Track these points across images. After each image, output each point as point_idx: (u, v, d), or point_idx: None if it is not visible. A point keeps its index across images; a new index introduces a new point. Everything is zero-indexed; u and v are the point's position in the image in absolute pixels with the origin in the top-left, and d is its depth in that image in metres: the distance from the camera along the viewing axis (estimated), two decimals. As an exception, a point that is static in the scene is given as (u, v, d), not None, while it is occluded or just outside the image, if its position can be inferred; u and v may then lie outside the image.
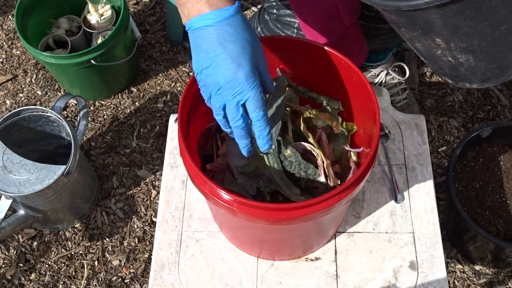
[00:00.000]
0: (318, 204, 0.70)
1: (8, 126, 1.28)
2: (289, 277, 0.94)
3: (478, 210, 1.19)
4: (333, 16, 1.03)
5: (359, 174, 0.72)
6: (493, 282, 1.31)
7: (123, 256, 1.37)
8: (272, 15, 1.19)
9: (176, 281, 0.94)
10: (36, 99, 1.61)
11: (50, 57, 1.37)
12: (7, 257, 1.37)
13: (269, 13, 1.21)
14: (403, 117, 1.09)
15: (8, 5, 1.81)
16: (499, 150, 1.25)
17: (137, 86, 1.62)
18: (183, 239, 0.98)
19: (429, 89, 1.57)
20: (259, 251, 0.95)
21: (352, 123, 0.89)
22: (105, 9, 1.51)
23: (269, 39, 0.84)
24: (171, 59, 1.66)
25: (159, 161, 1.48)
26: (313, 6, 1.03)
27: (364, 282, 0.93)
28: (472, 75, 0.73)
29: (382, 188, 1.01)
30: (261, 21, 1.28)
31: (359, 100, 0.82)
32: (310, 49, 0.83)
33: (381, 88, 1.14)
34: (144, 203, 1.43)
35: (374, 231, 0.98)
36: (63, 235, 1.40)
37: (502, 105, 1.54)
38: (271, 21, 1.21)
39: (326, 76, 0.86)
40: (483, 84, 0.75)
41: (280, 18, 1.17)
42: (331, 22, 1.04)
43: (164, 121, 1.55)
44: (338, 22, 1.04)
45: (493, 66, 0.71)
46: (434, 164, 1.44)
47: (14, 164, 1.23)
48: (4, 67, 1.67)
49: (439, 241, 0.96)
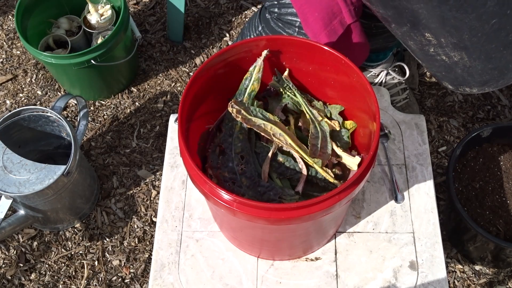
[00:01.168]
0: (318, 204, 0.70)
1: (8, 126, 1.28)
2: (289, 277, 0.94)
3: (478, 210, 1.19)
4: (335, 15, 1.03)
5: (359, 174, 0.72)
6: (493, 282, 1.31)
7: (123, 256, 1.37)
8: (273, 14, 1.19)
9: (176, 281, 0.94)
10: (36, 99, 1.61)
11: (50, 57, 1.37)
12: (7, 257, 1.37)
13: (270, 12, 1.21)
14: (403, 117, 1.09)
15: (8, 5, 1.81)
16: (499, 150, 1.25)
17: (137, 86, 1.62)
18: (183, 239, 0.98)
19: (429, 89, 1.57)
20: (259, 251, 0.95)
21: (351, 121, 0.89)
22: (105, 9, 1.51)
23: (269, 39, 0.84)
24: (171, 59, 1.66)
25: (159, 161, 1.48)
26: (315, 5, 1.03)
27: (364, 282, 0.93)
28: (469, 77, 0.72)
29: (382, 188, 1.01)
30: (262, 20, 1.27)
31: (359, 100, 0.82)
32: (310, 49, 0.83)
33: (381, 88, 1.14)
34: (144, 203, 1.43)
35: (374, 231, 0.98)
36: (63, 235, 1.40)
37: (502, 105, 1.54)
38: (272, 20, 1.21)
39: (326, 76, 0.86)
40: (483, 88, 0.74)
41: (282, 17, 1.17)
42: (333, 21, 1.04)
43: (164, 121, 1.55)
44: (340, 21, 1.04)
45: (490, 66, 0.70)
46: (434, 164, 1.44)
47: (14, 164, 1.23)
48: (4, 67, 1.67)
49: (439, 241, 0.96)
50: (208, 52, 1.67)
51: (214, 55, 0.81)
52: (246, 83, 0.86)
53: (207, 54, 1.67)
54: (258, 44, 0.84)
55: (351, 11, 1.03)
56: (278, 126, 0.82)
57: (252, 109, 0.82)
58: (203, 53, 1.67)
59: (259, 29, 1.27)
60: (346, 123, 0.89)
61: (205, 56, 1.67)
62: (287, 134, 0.82)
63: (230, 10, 1.75)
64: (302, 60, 0.86)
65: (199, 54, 1.67)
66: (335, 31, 1.04)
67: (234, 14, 1.74)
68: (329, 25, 1.04)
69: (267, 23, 1.24)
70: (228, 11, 1.75)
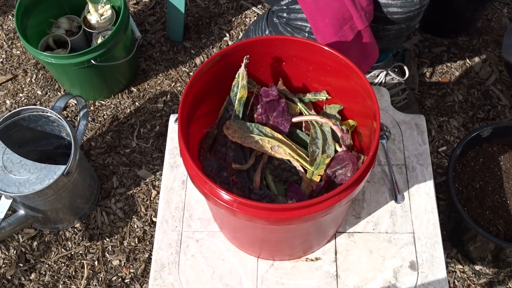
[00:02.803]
0: (318, 204, 0.70)
1: (8, 126, 1.28)
2: (289, 277, 0.94)
3: (478, 210, 1.19)
4: (346, 21, 1.03)
5: (359, 174, 0.72)
6: (493, 282, 1.31)
7: (123, 256, 1.37)
8: (282, 18, 1.19)
9: (176, 281, 0.94)
10: (36, 99, 1.61)
11: (50, 57, 1.37)
12: (7, 257, 1.37)
13: (278, 17, 1.21)
14: (403, 117, 1.09)
15: (8, 5, 1.81)
16: (499, 150, 1.25)
17: (137, 86, 1.62)
18: (183, 239, 0.98)
19: (429, 89, 1.57)
20: (259, 251, 0.95)
21: (351, 121, 0.89)
22: (105, 9, 1.51)
23: (270, 39, 0.84)
24: (171, 59, 1.66)
25: (159, 161, 1.48)
26: (325, 11, 1.02)
27: (364, 282, 0.93)
28: None
29: (382, 188, 1.01)
30: (269, 24, 1.27)
31: (359, 100, 0.82)
32: (310, 49, 0.83)
33: (381, 88, 1.14)
34: (144, 203, 1.43)
35: (374, 231, 0.97)
36: (63, 235, 1.40)
37: (502, 105, 1.54)
38: (280, 24, 1.21)
39: (326, 76, 0.86)
40: None
41: (291, 22, 1.17)
42: (344, 27, 1.04)
43: (164, 121, 1.55)
44: (350, 27, 1.04)
45: None
46: (434, 164, 1.44)
47: (14, 164, 1.23)
48: (4, 67, 1.67)
49: (439, 241, 0.96)
50: (208, 52, 1.67)
51: (214, 55, 0.81)
52: (235, 90, 0.86)
53: (207, 54, 1.67)
54: (259, 44, 0.84)
55: (362, 17, 1.03)
56: (276, 139, 0.82)
57: (248, 125, 0.83)
58: (203, 53, 1.67)
59: (266, 33, 1.27)
60: (346, 123, 0.89)
61: (205, 56, 1.67)
62: (285, 145, 0.82)
63: (230, 10, 1.75)
64: (302, 60, 0.86)
65: (199, 54, 1.67)
66: (346, 36, 1.04)
67: (234, 14, 1.74)
68: (340, 31, 1.04)
69: (275, 28, 1.23)
70: (228, 11, 1.75)
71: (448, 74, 1.60)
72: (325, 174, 0.82)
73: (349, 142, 0.85)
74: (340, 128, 0.85)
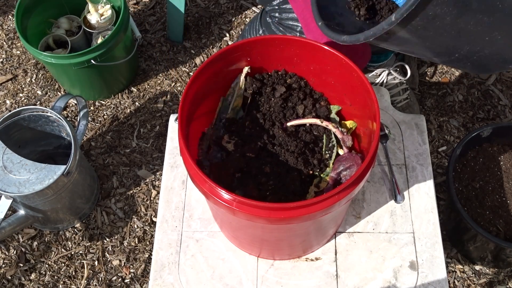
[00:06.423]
0: (317, 203, 0.70)
1: (8, 126, 1.28)
2: (289, 277, 0.94)
3: (478, 210, 1.19)
4: None
5: (359, 174, 0.72)
6: (493, 282, 1.31)
7: (123, 256, 1.37)
8: (274, 18, 1.19)
9: (176, 281, 0.94)
10: (36, 99, 1.61)
11: (50, 57, 1.37)
12: (7, 257, 1.37)
13: (271, 16, 1.21)
14: (403, 117, 1.09)
15: (8, 5, 1.81)
16: (499, 150, 1.25)
17: (137, 86, 1.62)
18: (183, 239, 0.98)
19: (429, 89, 1.57)
20: (259, 250, 0.95)
21: (351, 121, 0.89)
22: (105, 9, 1.51)
23: (271, 38, 0.84)
24: (171, 59, 1.66)
25: (159, 161, 1.48)
26: None
27: (364, 282, 0.93)
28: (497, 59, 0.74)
29: (382, 188, 1.01)
30: (263, 23, 1.27)
31: (359, 100, 0.82)
32: (310, 49, 0.83)
33: (381, 88, 1.14)
34: (144, 203, 1.43)
35: (374, 231, 0.97)
36: (63, 235, 1.40)
37: (502, 105, 1.54)
38: (273, 24, 1.21)
39: (326, 75, 0.86)
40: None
41: (283, 21, 1.17)
42: None
43: (164, 121, 1.55)
44: None
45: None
46: (434, 164, 1.44)
47: (14, 164, 1.23)
48: (4, 67, 1.67)
49: (439, 241, 0.96)
50: (208, 52, 1.67)
51: (214, 55, 0.81)
52: (229, 99, 0.87)
53: (207, 54, 1.67)
54: (259, 44, 0.84)
55: None
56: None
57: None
58: (203, 53, 1.67)
59: (260, 33, 1.27)
60: (346, 123, 0.89)
61: (205, 56, 1.67)
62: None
63: (230, 10, 1.75)
64: (303, 60, 0.86)
65: (199, 54, 1.67)
66: None
67: (234, 14, 1.74)
68: None
69: (268, 27, 1.24)
70: (228, 11, 1.75)
71: (448, 74, 1.60)
72: (330, 177, 0.82)
73: (350, 144, 0.85)
74: (340, 130, 0.85)
